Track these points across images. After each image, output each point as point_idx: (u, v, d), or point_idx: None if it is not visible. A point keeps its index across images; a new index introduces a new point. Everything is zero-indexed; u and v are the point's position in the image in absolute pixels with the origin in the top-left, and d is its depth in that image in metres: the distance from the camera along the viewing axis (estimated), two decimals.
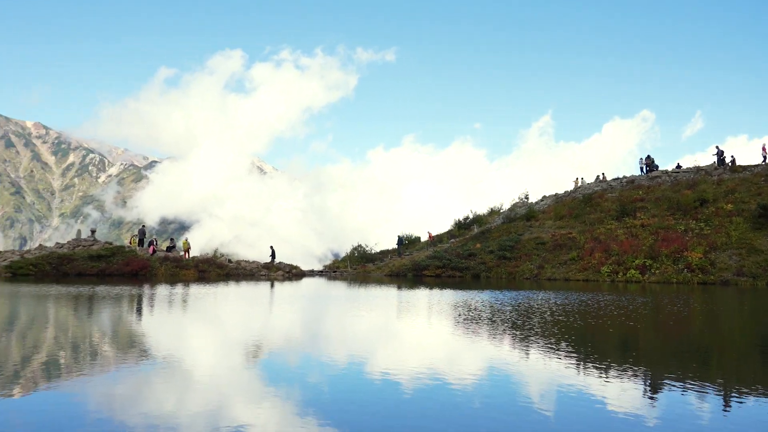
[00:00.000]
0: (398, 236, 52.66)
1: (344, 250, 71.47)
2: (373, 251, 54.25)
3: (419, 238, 56.90)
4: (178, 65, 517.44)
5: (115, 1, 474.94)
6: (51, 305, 16.54)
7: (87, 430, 5.24)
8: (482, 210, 57.84)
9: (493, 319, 14.06)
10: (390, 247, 54.86)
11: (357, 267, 49.03)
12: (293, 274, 42.02)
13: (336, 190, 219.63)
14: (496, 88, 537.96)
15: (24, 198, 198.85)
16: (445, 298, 21.10)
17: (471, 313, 15.29)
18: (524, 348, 9.96)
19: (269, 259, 44.60)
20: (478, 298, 20.69)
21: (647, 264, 35.15)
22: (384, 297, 22.16)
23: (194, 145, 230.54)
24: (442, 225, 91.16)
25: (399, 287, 28.22)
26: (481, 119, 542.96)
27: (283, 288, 27.63)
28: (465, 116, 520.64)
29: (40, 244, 43.00)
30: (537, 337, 11.13)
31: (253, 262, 43.54)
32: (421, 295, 22.67)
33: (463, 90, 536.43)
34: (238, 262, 42.39)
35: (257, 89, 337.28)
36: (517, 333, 11.65)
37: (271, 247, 46.46)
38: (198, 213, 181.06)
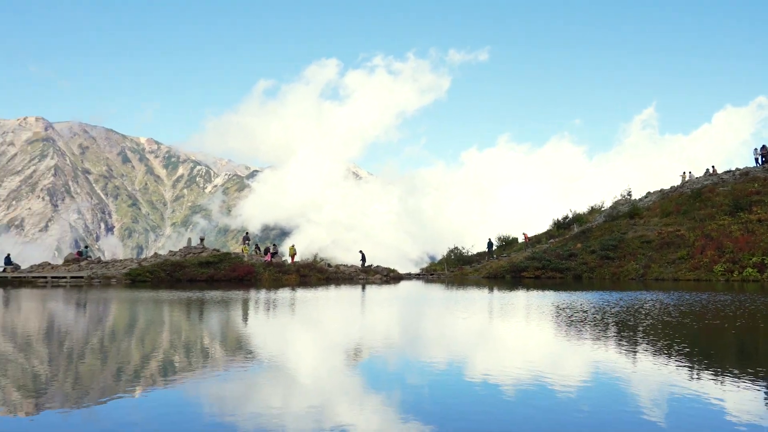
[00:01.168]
0: (488, 240, 51.82)
1: (440, 252, 71.35)
2: (469, 253, 53.77)
3: (516, 239, 55.81)
4: (275, 76, 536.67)
5: (215, 19, 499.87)
6: (166, 309, 17.60)
7: (202, 429, 5.53)
8: (582, 209, 56.01)
9: (599, 320, 13.54)
10: (494, 246, 54.22)
11: (454, 269, 48.77)
12: (391, 277, 42.39)
13: (430, 193, 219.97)
14: (595, 82, 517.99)
15: (140, 209, 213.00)
16: (547, 299, 20.57)
17: (575, 315, 14.80)
18: (633, 351, 9.51)
19: (359, 263, 45.28)
20: (582, 299, 20.01)
21: (766, 262, 32.64)
22: (483, 299, 21.91)
23: (292, 154, 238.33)
24: (540, 225, 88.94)
25: (498, 289, 27.81)
26: (580, 115, 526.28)
27: (382, 291, 27.93)
28: (562, 113, 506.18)
29: (155, 253, 45.88)
30: (648, 339, 10.61)
31: (352, 266, 44.34)
32: (521, 297, 22.22)
33: (560, 86, 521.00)
34: (337, 267, 43.31)
35: (351, 96, 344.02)
36: (626, 335, 11.15)
37: (361, 251, 47.15)
38: (297, 219, 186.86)
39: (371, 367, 8.75)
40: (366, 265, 44.65)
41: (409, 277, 45.86)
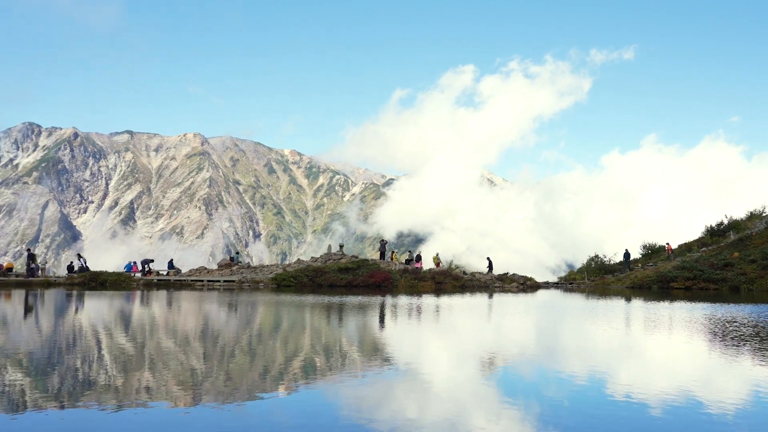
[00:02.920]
0: (625, 251, 48.67)
1: (579, 261, 68.58)
2: (611, 262, 51.13)
3: (663, 247, 52.21)
4: (411, 85, 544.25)
5: (351, 32, 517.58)
6: (308, 313, 18.44)
7: (340, 431, 5.74)
8: (739, 214, 51.19)
9: (763, 337, 12.33)
10: (631, 258, 51.14)
11: (594, 279, 46.59)
12: (527, 285, 41.38)
13: (569, 199, 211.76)
14: (756, 76, 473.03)
15: (284, 217, 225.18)
16: (699, 312, 19.04)
17: (732, 330, 13.58)
18: None
19: (486, 270, 44.67)
20: (741, 313, 18.31)
21: None
22: (626, 310, 20.73)
23: (427, 161, 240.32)
24: (689, 232, 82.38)
25: (643, 300, 26.18)
26: (738, 112, 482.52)
27: (518, 300, 27.34)
28: (717, 111, 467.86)
29: (298, 259, 48.24)
30: None
31: (487, 273, 43.83)
32: (670, 309, 20.74)
33: (715, 82, 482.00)
34: (473, 274, 43.01)
35: (486, 102, 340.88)
36: None
37: (488, 258, 46.65)
38: (431, 226, 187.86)
39: (508, 377, 8.60)
40: (502, 273, 43.95)
41: (546, 285, 44.50)
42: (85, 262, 38.44)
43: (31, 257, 37.57)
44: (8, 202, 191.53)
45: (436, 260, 44.65)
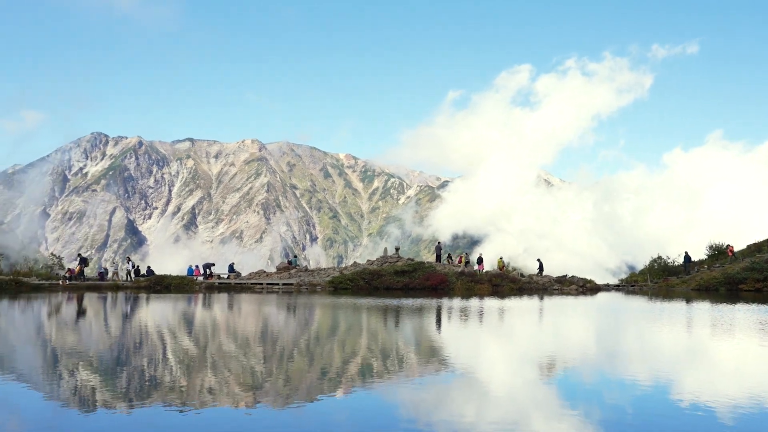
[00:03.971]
0: (684, 254, 46.70)
1: (640, 262, 66.56)
2: (675, 263, 49.38)
3: (730, 247, 50.04)
4: (465, 87, 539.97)
5: (404, 34, 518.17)
6: (365, 316, 18.56)
7: None
8: None
9: None
10: (696, 258, 49.20)
11: (657, 281, 45.11)
12: (587, 288, 40.45)
13: (629, 198, 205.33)
14: None
15: (340, 221, 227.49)
16: None
17: None
18: None
19: (536, 272, 43.80)
20: None
21: None
22: (693, 313, 19.99)
23: (482, 163, 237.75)
24: (758, 232, 78.80)
25: (710, 302, 25.18)
26: None
27: (578, 302, 26.76)
28: None
29: (354, 262, 48.62)
30: None
31: (546, 276, 43.07)
32: (739, 311, 19.88)
33: None
34: (530, 277, 42.36)
35: (543, 101, 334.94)
36: None
37: (539, 260, 45.67)
38: (486, 227, 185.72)
39: (568, 382, 8.44)
40: (560, 275, 43.10)
41: (607, 288, 43.37)
42: (134, 266, 39.71)
43: (83, 261, 39.06)
44: (79, 209, 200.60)
45: (501, 264, 44.00)
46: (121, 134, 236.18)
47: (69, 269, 39.62)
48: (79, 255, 42.05)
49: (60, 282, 35.29)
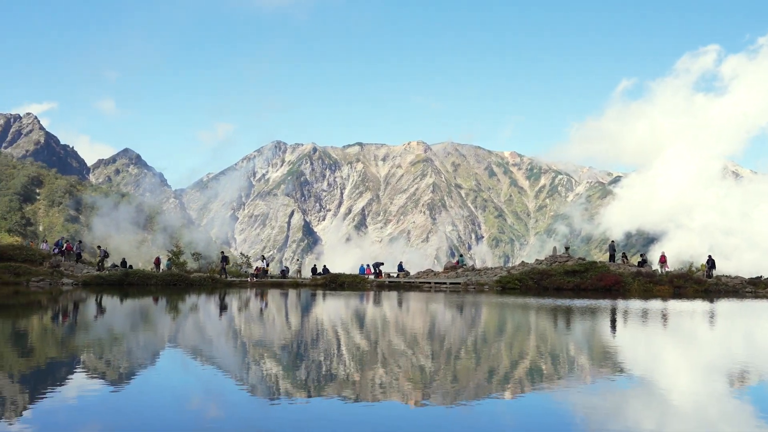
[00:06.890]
0: None
1: None
2: None
3: None
4: (639, 74, 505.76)
5: (571, 24, 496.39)
6: (535, 316, 18.15)
7: None
8: None
9: None
10: None
11: None
12: None
13: None
14: None
15: (505, 220, 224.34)
16: None
17: None
18: None
19: (707, 271, 39.06)
20: None
21: None
22: None
23: (659, 155, 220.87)
24: None
25: None
26: None
27: None
28: None
29: (522, 261, 47.63)
30: None
31: (736, 277, 38.96)
32: None
33: None
34: (718, 278, 38.58)
35: (729, 85, 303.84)
36: None
37: (709, 256, 40.52)
38: (664, 224, 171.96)
39: (763, 394, 7.61)
40: (754, 276, 38.72)
41: None
42: (268, 264, 42.02)
43: (224, 259, 41.96)
44: (262, 212, 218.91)
45: (704, 267, 39.67)
46: (297, 141, 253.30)
47: (257, 268, 43.26)
48: (262, 256, 45.85)
49: (249, 279, 38.73)
